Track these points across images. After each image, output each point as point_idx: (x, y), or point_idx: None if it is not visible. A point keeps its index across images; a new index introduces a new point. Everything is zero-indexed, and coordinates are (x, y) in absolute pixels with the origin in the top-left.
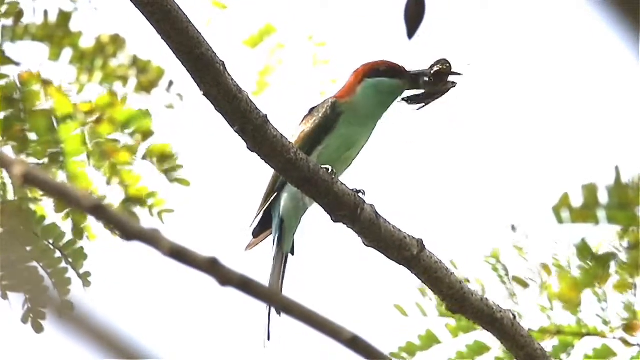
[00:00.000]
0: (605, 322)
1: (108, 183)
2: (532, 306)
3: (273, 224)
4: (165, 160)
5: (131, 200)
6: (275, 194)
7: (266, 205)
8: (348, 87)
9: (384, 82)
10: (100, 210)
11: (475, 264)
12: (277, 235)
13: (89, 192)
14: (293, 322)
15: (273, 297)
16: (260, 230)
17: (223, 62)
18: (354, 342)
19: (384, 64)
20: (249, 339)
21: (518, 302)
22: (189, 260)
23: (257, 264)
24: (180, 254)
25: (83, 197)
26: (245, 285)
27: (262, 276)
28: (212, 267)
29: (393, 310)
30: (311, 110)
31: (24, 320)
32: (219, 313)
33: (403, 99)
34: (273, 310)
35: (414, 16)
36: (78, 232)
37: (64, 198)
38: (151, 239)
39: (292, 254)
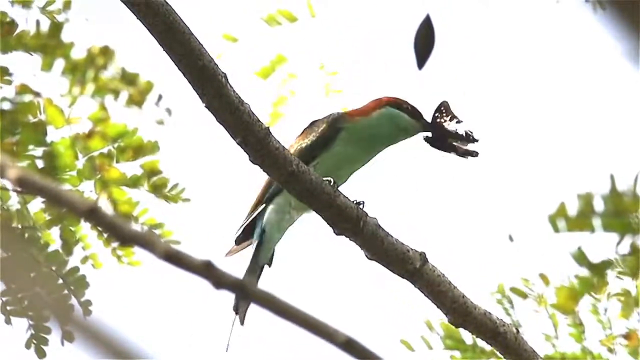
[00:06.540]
0: (611, 350)
1: (99, 199)
2: (537, 335)
3: (255, 233)
4: (154, 177)
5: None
6: (263, 205)
7: (253, 215)
8: (365, 109)
9: (404, 117)
10: (95, 214)
11: (476, 279)
12: (256, 245)
13: (84, 196)
14: (288, 325)
15: (267, 300)
16: (244, 238)
17: (225, 74)
18: (348, 345)
19: (408, 104)
20: (242, 341)
21: (524, 332)
22: (183, 263)
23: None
24: (175, 257)
25: (78, 200)
26: (240, 288)
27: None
28: (206, 270)
29: (398, 338)
30: (312, 124)
31: (27, 345)
32: (213, 315)
33: (425, 139)
34: (237, 320)
35: (424, 47)
36: (68, 247)
37: (59, 202)
38: (146, 242)
39: (270, 266)
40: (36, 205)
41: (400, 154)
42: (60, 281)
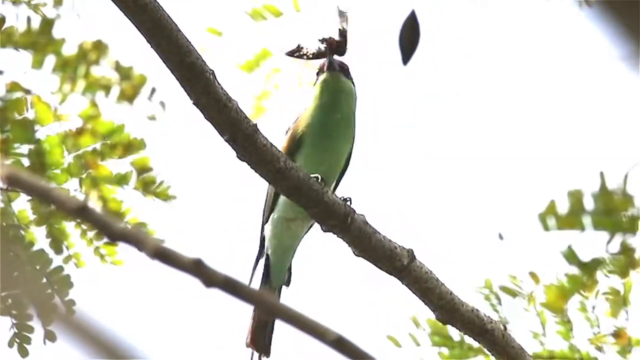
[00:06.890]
0: (599, 349)
1: (86, 196)
2: (525, 333)
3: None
4: (144, 174)
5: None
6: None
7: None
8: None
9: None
10: (85, 212)
11: (465, 277)
12: (263, 273)
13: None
14: (279, 323)
15: (257, 298)
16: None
17: (213, 71)
18: (339, 343)
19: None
20: (234, 340)
21: (511, 330)
22: (173, 261)
23: (245, 266)
24: (165, 255)
25: (67, 198)
26: (230, 286)
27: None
28: (196, 268)
29: (385, 337)
30: (286, 132)
31: (10, 344)
32: (204, 314)
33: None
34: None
35: (409, 42)
36: (57, 244)
37: (49, 200)
38: (136, 240)
39: (287, 286)
40: (20, 203)
41: (390, 151)
42: (44, 280)
